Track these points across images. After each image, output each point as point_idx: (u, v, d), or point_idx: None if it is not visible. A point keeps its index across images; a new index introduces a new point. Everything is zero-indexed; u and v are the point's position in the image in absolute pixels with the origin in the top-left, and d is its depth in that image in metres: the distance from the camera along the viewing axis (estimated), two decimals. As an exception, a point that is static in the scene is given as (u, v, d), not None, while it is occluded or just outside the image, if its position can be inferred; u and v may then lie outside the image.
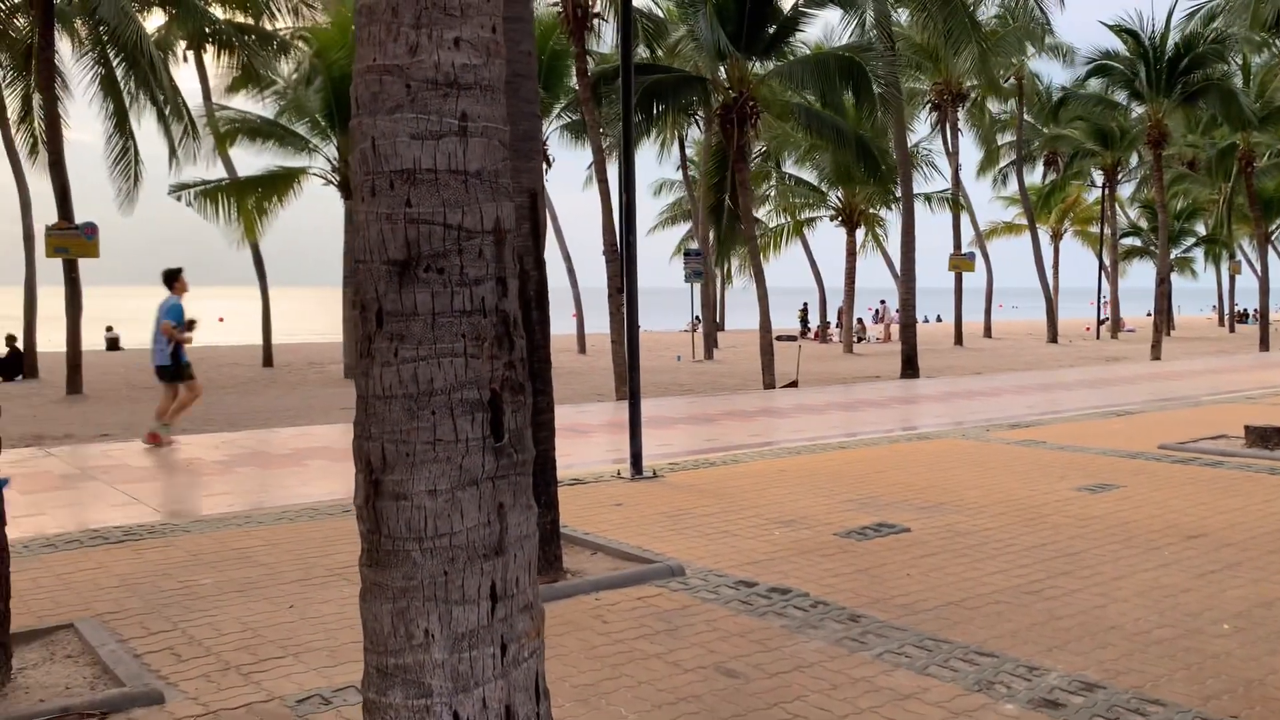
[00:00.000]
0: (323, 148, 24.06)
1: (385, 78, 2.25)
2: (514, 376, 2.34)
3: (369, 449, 2.31)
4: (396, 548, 2.28)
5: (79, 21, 22.35)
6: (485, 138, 2.32)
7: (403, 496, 2.28)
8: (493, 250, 2.32)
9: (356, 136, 2.30)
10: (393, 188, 2.26)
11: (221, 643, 4.97)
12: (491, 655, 2.30)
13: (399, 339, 2.27)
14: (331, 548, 6.79)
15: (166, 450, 11.39)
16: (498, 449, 2.32)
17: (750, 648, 4.83)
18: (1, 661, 4.41)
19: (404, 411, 2.27)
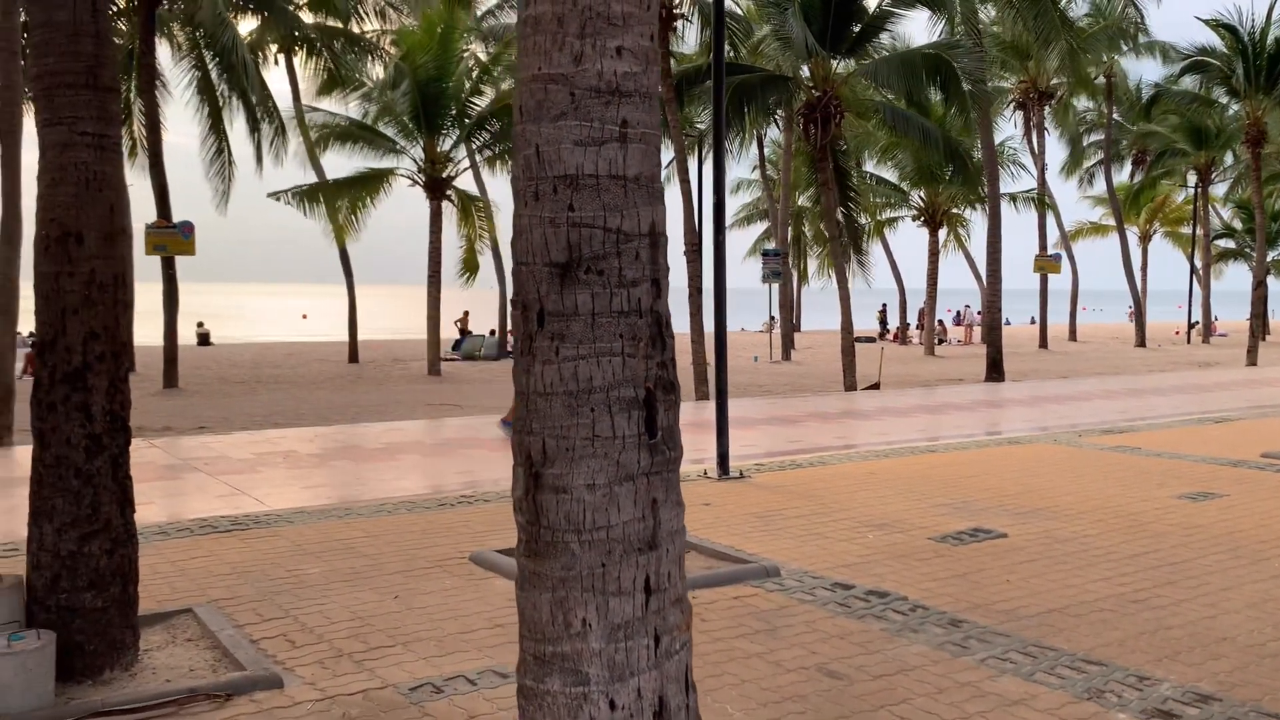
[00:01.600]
0: (409, 149, 24.51)
1: (550, 86, 2.33)
2: (666, 375, 2.41)
3: (529, 443, 2.39)
4: (556, 539, 2.36)
5: (176, 27, 23.10)
6: (643, 143, 2.39)
7: (562, 490, 2.35)
8: (648, 253, 2.39)
9: (520, 143, 2.37)
10: (555, 192, 2.33)
11: (332, 630, 5.12)
12: (646, 646, 2.36)
13: (559, 338, 2.34)
14: (429, 540, 6.95)
15: (262, 443, 11.73)
16: (651, 446, 2.38)
17: (851, 650, 4.83)
18: (130, 643, 4.61)
19: (564, 408, 2.34)
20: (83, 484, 4.44)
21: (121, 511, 4.58)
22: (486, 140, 24.82)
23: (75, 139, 4.44)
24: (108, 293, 4.51)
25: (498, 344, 32.10)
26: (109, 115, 4.54)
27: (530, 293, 2.38)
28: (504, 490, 8.77)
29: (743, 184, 50.19)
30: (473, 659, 4.72)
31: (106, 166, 4.52)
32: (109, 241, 4.51)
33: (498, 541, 6.86)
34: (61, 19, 4.43)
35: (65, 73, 4.43)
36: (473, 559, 6.42)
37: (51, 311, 4.44)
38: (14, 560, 6.27)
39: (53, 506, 4.43)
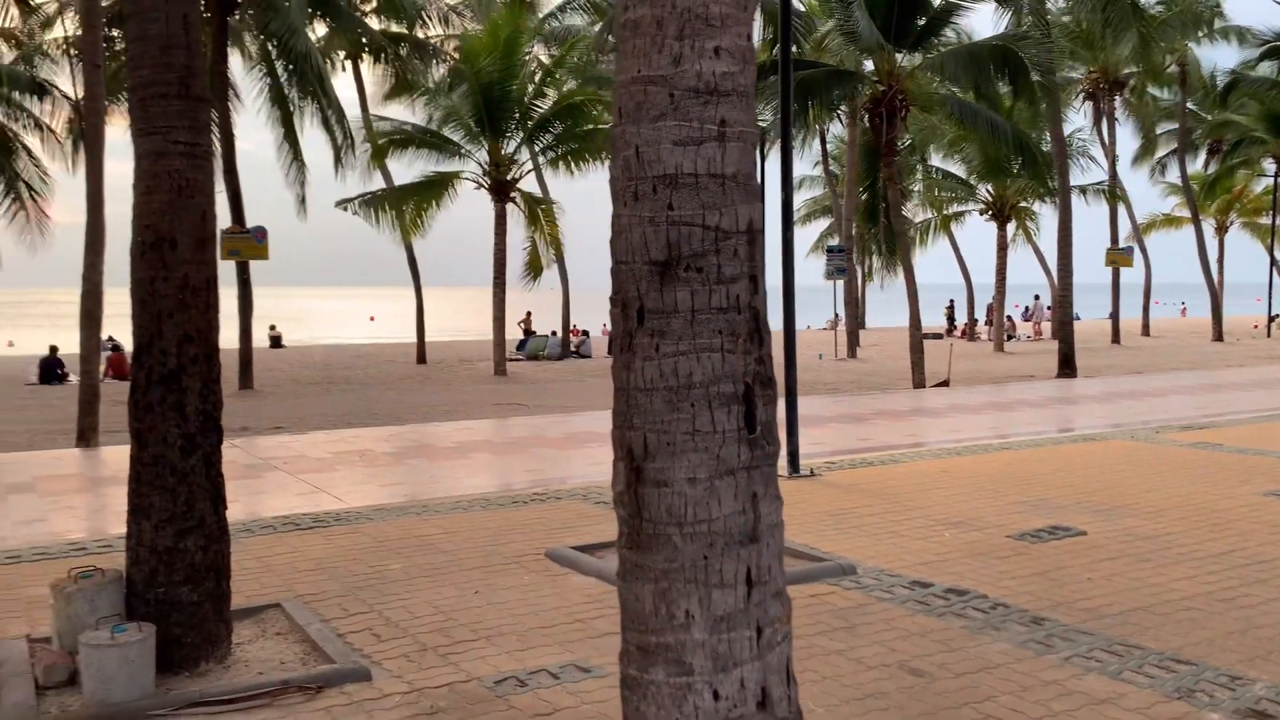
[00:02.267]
0: (474, 152, 24.78)
1: (650, 88, 2.37)
2: (763, 371, 2.43)
3: (630, 438, 2.43)
4: (658, 532, 2.40)
5: (248, 38, 23.62)
6: (741, 141, 2.42)
7: (664, 484, 2.39)
8: (746, 249, 2.42)
9: (619, 145, 2.42)
10: (655, 192, 2.37)
11: (416, 625, 5.22)
12: (748, 638, 2.39)
13: (660, 335, 2.38)
14: (506, 537, 7.04)
15: (338, 442, 11.96)
16: (751, 440, 2.41)
17: (932, 647, 4.80)
18: (223, 636, 4.75)
19: (665, 403, 2.38)
20: (178, 481, 4.59)
21: (214, 508, 4.72)
22: (549, 142, 24.99)
23: (168, 147, 4.59)
24: (200, 296, 4.65)
25: (561, 344, 32.32)
26: (200, 124, 4.69)
27: (630, 291, 2.42)
28: (573, 488, 8.85)
29: (804, 180, 49.88)
30: (554, 653, 4.78)
31: (198, 174, 4.66)
32: (201, 247, 4.66)
33: (571, 538, 6.93)
34: (154, 32, 4.58)
35: (158, 83, 4.59)
36: (548, 555, 6.49)
37: (147, 315, 4.60)
38: (105, 556, 6.49)
39: (150, 504, 4.58)
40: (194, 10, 4.71)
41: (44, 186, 24.40)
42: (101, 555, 6.59)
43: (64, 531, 7.59)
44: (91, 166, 12.80)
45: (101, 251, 12.67)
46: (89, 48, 13.12)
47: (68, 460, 11.14)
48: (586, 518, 7.64)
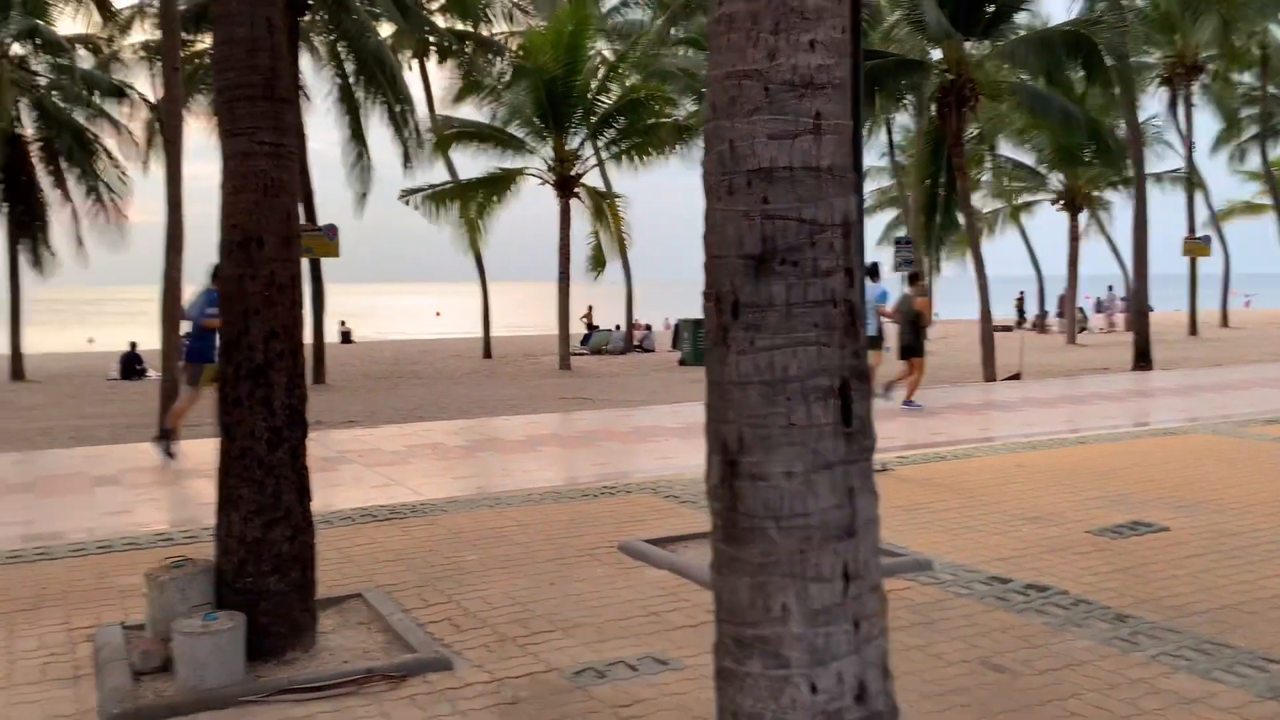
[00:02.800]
0: (538, 148, 24.94)
1: (744, 82, 2.37)
2: (859, 365, 2.43)
3: (725, 432, 2.44)
4: (754, 525, 2.41)
5: (317, 39, 24.02)
6: (836, 134, 2.41)
7: (760, 477, 2.40)
8: (841, 243, 2.42)
9: (712, 139, 2.43)
10: (750, 186, 2.38)
11: (494, 615, 5.29)
12: (846, 631, 2.39)
13: (755, 329, 2.39)
14: (577, 530, 7.10)
15: (399, 435, 12.15)
16: (848, 434, 2.41)
17: (1014, 643, 4.74)
18: (308, 626, 4.86)
19: (760, 397, 2.39)
20: (265, 474, 4.70)
21: (300, 500, 4.83)
22: (613, 136, 25.05)
23: (254, 148, 4.70)
24: (286, 293, 4.76)
25: (624, 338, 32.42)
26: (285, 125, 4.79)
27: (724, 285, 2.43)
28: (642, 481, 8.88)
29: (869, 170, 49.28)
30: (631, 645, 4.81)
31: (283, 174, 4.77)
32: (286, 245, 4.76)
33: (643, 531, 6.96)
34: (240, 35, 4.69)
35: (244, 85, 4.70)
36: (621, 548, 6.53)
37: (235, 312, 4.71)
38: (191, 546, 6.68)
39: (239, 495, 4.70)
40: (277, 13, 4.81)
41: (122, 187, 25.11)
42: (187, 545, 6.78)
43: (150, 522, 7.82)
44: (171, 167, 13.14)
45: (181, 250, 13.00)
46: (168, 51, 13.47)
47: (150, 453, 11.45)
48: (657, 511, 7.66)
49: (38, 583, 6.06)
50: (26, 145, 24.17)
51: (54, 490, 9.13)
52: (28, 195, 24.11)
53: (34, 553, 6.79)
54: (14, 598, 5.77)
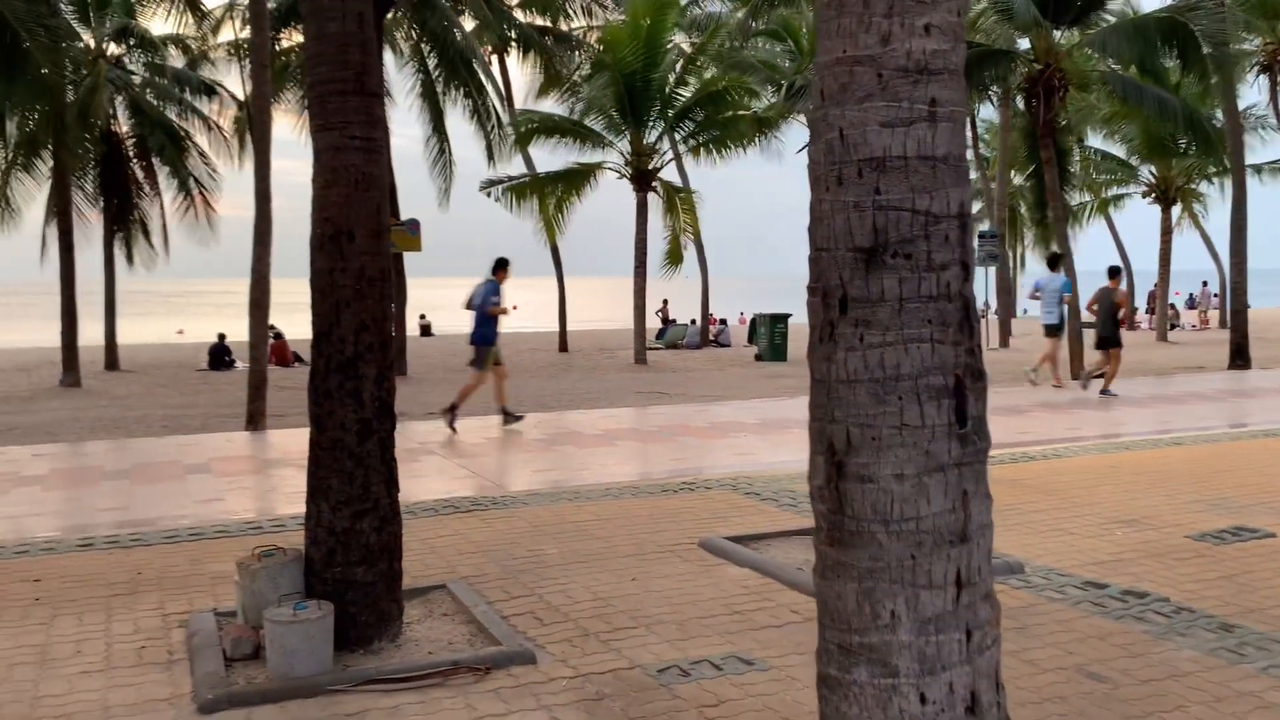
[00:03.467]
0: (616, 142, 24.94)
1: (856, 68, 2.30)
2: (974, 362, 2.34)
3: (832, 431, 2.37)
4: (861, 529, 2.33)
5: (400, 35, 24.34)
6: (951, 122, 2.33)
7: (868, 479, 2.32)
8: (957, 234, 2.33)
9: (821, 128, 2.36)
10: (861, 176, 2.30)
11: (576, 610, 5.28)
12: (957, 640, 2.31)
13: (864, 325, 2.31)
14: (657, 525, 7.06)
15: (458, 428, 12.24)
16: (962, 436, 2.32)
17: (1112, 652, 4.58)
18: (395, 616, 4.90)
19: (869, 396, 2.31)
20: (355, 465, 4.75)
21: (388, 491, 4.88)
22: (691, 130, 24.93)
23: (345, 143, 4.74)
24: (376, 286, 4.79)
25: (699, 333, 32.30)
26: (375, 119, 4.83)
27: (832, 279, 2.35)
28: (722, 477, 8.81)
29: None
30: (715, 644, 4.76)
31: (373, 168, 4.80)
32: (376, 238, 4.80)
33: (723, 528, 6.90)
34: (332, 30, 4.74)
35: (335, 80, 4.74)
36: (702, 545, 6.48)
37: (326, 305, 4.77)
38: (279, 535, 6.80)
39: (329, 486, 4.76)
40: (368, 8, 4.84)
41: (211, 182, 25.76)
42: (275, 534, 6.91)
43: (239, 510, 7.99)
44: (259, 162, 13.43)
45: (269, 243, 13.29)
46: (257, 48, 13.75)
47: (239, 443, 11.73)
48: (737, 508, 7.59)
49: (133, 568, 6.22)
50: (122, 142, 24.94)
51: (148, 477, 9.40)
52: (122, 190, 24.88)
53: (130, 538, 6.98)
54: (111, 582, 5.93)
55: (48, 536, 7.14)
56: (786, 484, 8.43)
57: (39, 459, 10.61)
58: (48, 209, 23.22)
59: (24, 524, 7.61)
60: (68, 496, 8.65)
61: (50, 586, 5.86)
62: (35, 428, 13.87)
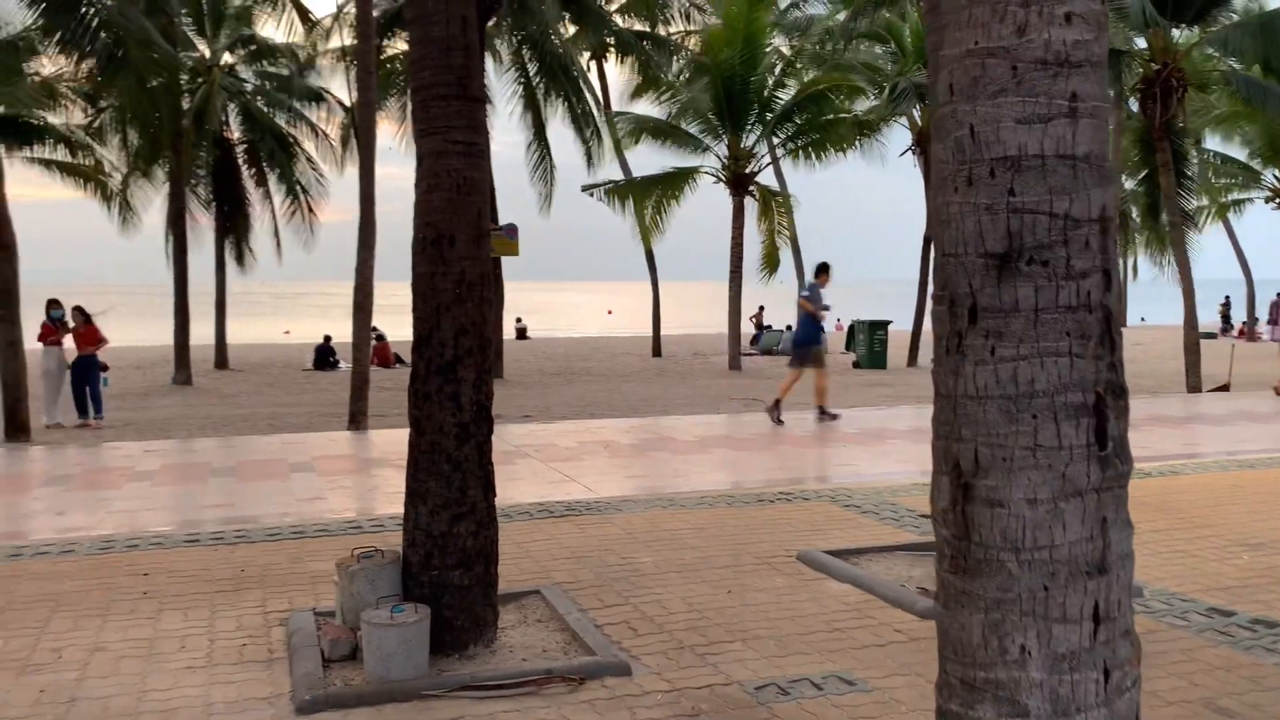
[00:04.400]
0: (714, 146, 24.82)
1: (989, 61, 2.16)
2: (1116, 379, 2.17)
3: (958, 450, 2.23)
4: (989, 557, 2.19)
5: (500, 42, 24.61)
6: (1093, 118, 2.17)
7: (998, 504, 2.18)
8: (1099, 240, 2.17)
9: (948, 125, 2.22)
10: (993, 176, 2.16)
11: (671, 621, 5.19)
12: (1094, 680, 2.15)
13: (996, 336, 2.17)
14: (753, 536, 6.93)
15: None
16: (1102, 458, 2.16)
17: (1242, 685, 4.30)
18: (490, 621, 4.88)
19: (1000, 413, 2.17)
20: (453, 469, 4.74)
21: (485, 495, 4.86)
22: (790, 133, 24.66)
23: (448, 147, 4.74)
24: (476, 291, 4.78)
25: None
26: (477, 123, 4.82)
27: (960, 286, 2.21)
28: (820, 489, 8.63)
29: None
30: (815, 662, 4.61)
31: (475, 172, 4.79)
32: (477, 243, 4.79)
33: (822, 541, 6.74)
34: (436, 34, 4.74)
35: (439, 85, 4.74)
36: (800, 558, 6.33)
37: (427, 308, 4.77)
38: (377, 535, 6.87)
39: (427, 489, 4.76)
40: (471, 12, 4.83)
41: (318, 187, 26.45)
42: (374, 534, 6.98)
43: (340, 510, 8.11)
44: (364, 166, 13.69)
45: (373, 246, 13.54)
46: (363, 55, 14.04)
47: (341, 442, 11.96)
48: (836, 521, 7.41)
49: (237, 564, 6.35)
50: (233, 148, 25.78)
51: (253, 475, 9.62)
52: (233, 195, 25.72)
53: (234, 535, 7.13)
54: (216, 578, 6.06)
55: (157, 531, 7.35)
56: (888, 497, 8.21)
57: (151, 455, 10.97)
58: (167, 213, 24.12)
59: (136, 518, 7.85)
60: (177, 492, 8.91)
61: (158, 581, 6.01)
62: (148, 424, 14.38)
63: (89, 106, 22.79)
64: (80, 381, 14.41)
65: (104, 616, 5.35)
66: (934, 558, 5.97)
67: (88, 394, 14.44)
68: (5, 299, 12.93)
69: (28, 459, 11.18)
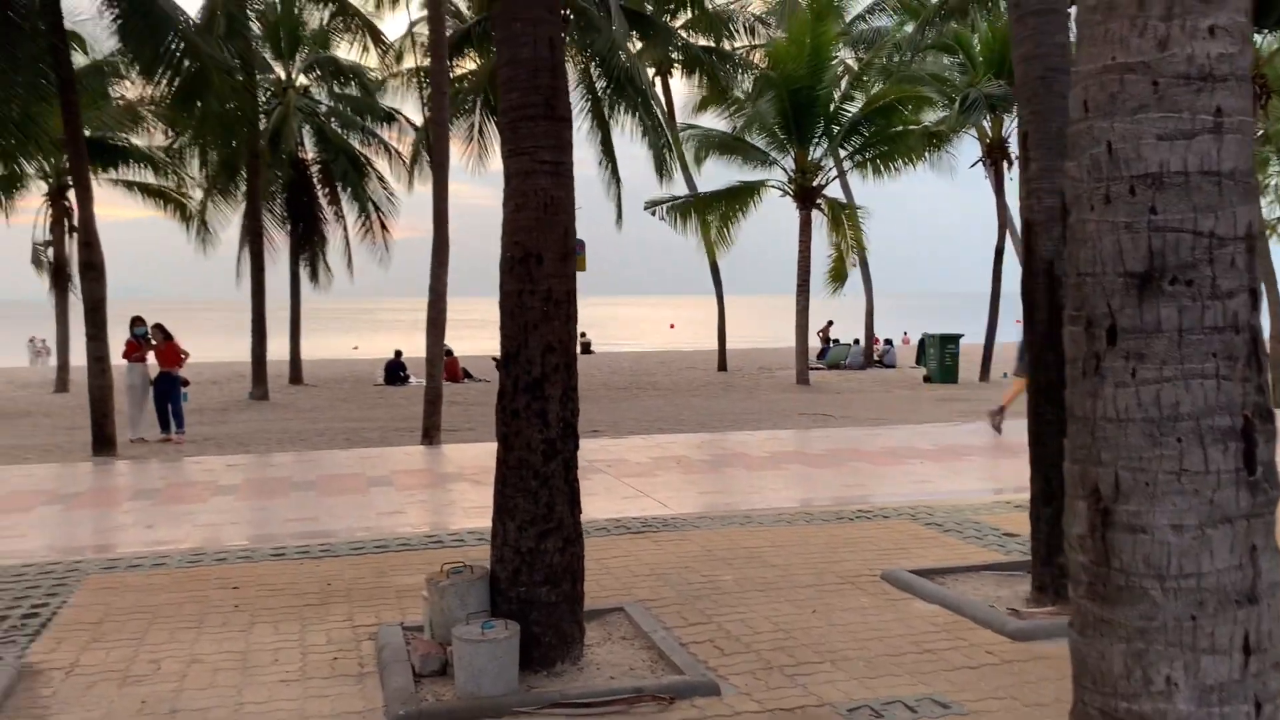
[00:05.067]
0: (780, 159, 24.75)
1: (1127, 76, 2.12)
2: (1264, 401, 2.11)
3: (1097, 475, 2.18)
4: (1131, 584, 2.13)
5: (567, 58, 24.85)
6: (1239, 133, 2.11)
7: (1140, 530, 2.13)
8: (1244, 258, 2.11)
9: (1084, 141, 2.18)
10: (1133, 194, 2.12)
11: (757, 640, 5.15)
12: (1245, 713, 2.08)
13: (1137, 358, 2.12)
14: (835, 555, 6.85)
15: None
16: (1251, 484, 2.10)
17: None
18: (577, 638, 4.88)
19: (1143, 437, 2.12)
20: (540, 485, 4.76)
21: (571, 511, 4.87)
22: (858, 145, 24.50)
23: (535, 167, 4.78)
24: (561, 308, 4.81)
25: (863, 353, 31.63)
26: (563, 143, 4.85)
27: (1098, 306, 2.16)
28: (899, 506, 8.51)
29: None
30: (906, 684, 4.54)
31: (561, 191, 4.83)
32: (563, 261, 4.82)
33: (905, 560, 6.64)
34: (524, 56, 4.79)
35: (527, 106, 4.79)
36: (885, 578, 6.24)
37: (515, 326, 4.81)
38: (458, 550, 6.92)
39: (515, 505, 4.79)
40: (558, 32, 4.88)
41: (390, 206, 26.89)
42: (455, 549, 7.04)
43: (419, 524, 8.20)
44: (438, 185, 13.89)
45: (446, 263, 13.71)
46: (437, 77, 14.26)
47: (416, 456, 12.11)
48: (918, 540, 7.30)
49: (323, 578, 6.44)
50: (308, 168, 26.33)
51: (333, 489, 9.78)
52: (308, 214, 26.25)
53: (319, 549, 7.25)
54: (304, 592, 6.15)
55: (243, 545, 7.50)
56: (970, 515, 8.08)
57: (232, 469, 11.21)
58: (242, 232, 24.71)
59: (221, 532, 8.02)
60: (260, 506, 9.08)
61: (248, 594, 6.12)
62: (228, 438, 14.70)
63: (169, 129, 23.49)
64: (162, 397, 14.79)
65: (198, 629, 5.46)
66: (1022, 577, 5.85)
67: (169, 409, 14.82)
68: (94, 317, 13.32)
69: (115, 473, 11.50)
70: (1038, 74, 5.55)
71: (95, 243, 13.35)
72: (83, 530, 8.41)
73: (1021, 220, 5.60)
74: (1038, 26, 5.56)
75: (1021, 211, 5.58)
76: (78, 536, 8.16)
